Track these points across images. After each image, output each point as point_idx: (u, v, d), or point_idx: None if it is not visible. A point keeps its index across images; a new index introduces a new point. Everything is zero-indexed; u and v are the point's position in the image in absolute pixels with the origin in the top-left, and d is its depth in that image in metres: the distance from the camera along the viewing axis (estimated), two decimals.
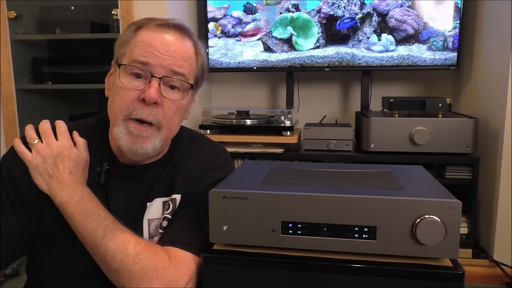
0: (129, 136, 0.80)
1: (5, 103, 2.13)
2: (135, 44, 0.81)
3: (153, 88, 0.78)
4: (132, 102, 0.79)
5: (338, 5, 2.14)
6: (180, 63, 0.81)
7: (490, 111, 1.98)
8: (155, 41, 0.80)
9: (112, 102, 0.83)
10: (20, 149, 0.83)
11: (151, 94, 0.78)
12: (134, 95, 0.79)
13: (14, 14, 2.10)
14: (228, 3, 2.24)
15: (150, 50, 0.79)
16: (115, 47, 0.85)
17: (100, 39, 2.15)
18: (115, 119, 0.81)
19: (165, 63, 0.79)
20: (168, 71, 0.80)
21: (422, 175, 0.86)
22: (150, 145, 0.81)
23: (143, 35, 0.81)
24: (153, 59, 0.79)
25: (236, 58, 2.27)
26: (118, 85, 0.81)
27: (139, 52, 0.79)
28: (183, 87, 0.83)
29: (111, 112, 0.84)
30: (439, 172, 1.95)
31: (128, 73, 0.80)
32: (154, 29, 0.81)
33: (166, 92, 0.81)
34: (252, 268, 0.71)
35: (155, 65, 0.79)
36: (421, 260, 0.67)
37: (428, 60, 2.12)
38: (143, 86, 0.79)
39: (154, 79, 0.79)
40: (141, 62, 0.79)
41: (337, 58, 2.19)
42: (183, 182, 0.88)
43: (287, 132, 2.07)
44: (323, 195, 0.69)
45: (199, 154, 0.93)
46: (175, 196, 0.87)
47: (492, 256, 1.90)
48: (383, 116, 1.98)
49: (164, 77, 0.80)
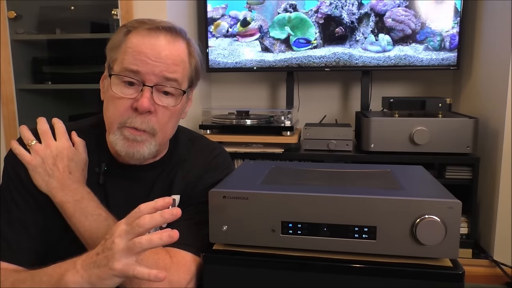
0: (125, 141, 0.81)
1: (5, 103, 2.13)
2: (125, 50, 0.79)
3: (145, 98, 0.78)
4: (125, 111, 0.79)
5: (336, 5, 2.14)
6: (172, 68, 0.80)
7: (490, 111, 1.98)
8: (145, 47, 0.78)
9: (106, 108, 0.83)
10: (19, 151, 0.83)
11: (143, 104, 0.77)
12: (127, 104, 0.79)
13: (14, 14, 2.10)
14: (226, 3, 2.24)
15: (141, 57, 0.78)
16: (107, 50, 0.84)
17: (100, 39, 2.14)
18: (110, 127, 0.82)
19: (156, 71, 0.78)
20: (160, 78, 0.79)
21: (422, 175, 0.86)
22: (146, 149, 0.82)
23: (133, 40, 0.79)
24: (144, 67, 0.78)
25: (236, 58, 2.27)
26: (110, 94, 0.80)
27: (129, 60, 0.78)
28: (177, 92, 0.82)
29: (106, 118, 0.84)
30: (439, 172, 1.95)
31: (120, 81, 0.79)
32: (144, 33, 0.79)
33: (159, 99, 0.80)
34: (252, 268, 0.71)
35: (146, 73, 0.78)
36: (421, 260, 0.67)
37: (425, 60, 2.12)
38: (136, 95, 0.79)
39: (146, 88, 0.78)
40: (132, 71, 0.78)
41: (334, 58, 2.19)
42: (183, 183, 0.89)
43: (287, 132, 2.07)
44: (323, 195, 0.69)
45: (198, 155, 0.93)
46: (175, 197, 0.87)
47: (492, 256, 1.90)
48: (383, 116, 1.98)
49: (156, 85, 0.79)
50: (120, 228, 0.67)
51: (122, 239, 0.66)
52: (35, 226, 0.82)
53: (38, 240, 0.82)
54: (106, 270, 0.66)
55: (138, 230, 0.65)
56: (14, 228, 0.81)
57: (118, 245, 0.65)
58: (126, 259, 0.65)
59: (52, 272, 0.72)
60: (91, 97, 2.39)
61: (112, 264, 0.65)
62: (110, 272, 0.66)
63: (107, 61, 0.84)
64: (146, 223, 0.65)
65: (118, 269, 0.65)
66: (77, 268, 0.69)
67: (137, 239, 0.65)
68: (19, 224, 0.81)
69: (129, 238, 0.66)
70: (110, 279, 0.67)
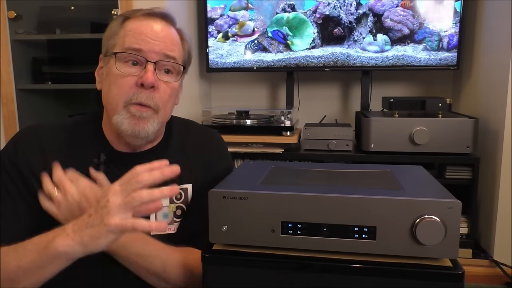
0: (131, 119, 0.83)
1: (5, 103, 2.13)
2: (125, 34, 0.84)
3: (149, 71, 0.82)
4: (130, 88, 0.83)
5: (334, 5, 2.14)
6: (170, 47, 0.85)
7: (490, 111, 1.98)
8: (145, 29, 0.84)
9: (108, 91, 0.85)
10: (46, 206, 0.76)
11: (148, 78, 0.81)
12: (132, 81, 0.83)
13: (14, 14, 2.10)
14: (225, 3, 2.24)
15: (141, 37, 0.83)
16: (104, 40, 0.89)
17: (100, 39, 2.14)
18: (115, 107, 0.84)
19: (157, 48, 0.83)
20: (161, 55, 0.84)
21: (422, 175, 0.86)
22: (150, 126, 0.84)
23: (132, 24, 0.85)
24: (145, 45, 0.83)
25: (235, 58, 2.27)
26: (114, 73, 0.83)
27: (131, 40, 0.83)
28: (176, 70, 0.88)
29: (108, 101, 0.86)
30: (439, 172, 1.95)
31: (123, 61, 0.83)
32: (142, 18, 0.85)
33: (161, 76, 0.85)
34: (252, 268, 0.71)
35: (148, 50, 0.83)
36: (421, 260, 0.67)
37: (423, 60, 2.12)
38: (139, 72, 0.83)
39: (150, 64, 0.83)
40: (135, 49, 0.83)
41: (332, 58, 2.19)
42: (190, 171, 0.92)
43: (287, 132, 2.07)
44: (323, 195, 0.68)
45: (197, 141, 0.97)
46: (186, 186, 0.91)
47: (492, 256, 1.90)
48: (383, 116, 1.98)
49: (159, 61, 0.84)
50: (114, 188, 0.67)
51: (117, 197, 0.65)
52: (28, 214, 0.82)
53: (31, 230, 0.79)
54: (100, 228, 0.64)
55: (135, 186, 0.65)
56: (5, 218, 0.81)
57: (114, 202, 0.65)
58: (122, 214, 0.65)
59: (38, 241, 0.70)
60: (91, 97, 2.40)
61: (108, 220, 0.64)
62: (105, 229, 0.64)
63: (103, 51, 0.89)
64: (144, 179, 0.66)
65: (113, 224, 0.64)
66: (67, 232, 0.67)
67: (136, 193, 0.65)
68: (11, 213, 0.82)
69: (125, 195, 0.65)
70: (105, 236, 0.65)
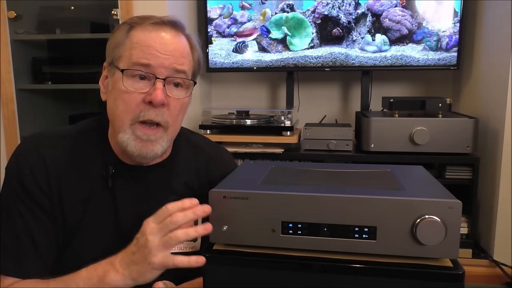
0: (138, 142, 0.80)
1: (5, 103, 2.13)
2: (132, 46, 0.79)
3: (158, 89, 0.78)
4: (137, 105, 0.79)
5: (333, 5, 2.14)
6: (180, 60, 0.81)
7: (490, 111, 1.98)
8: (153, 41, 0.79)
9: (114, 107, 0.81)
10: None
11: (158, 96, 0.77)
12: (139, 98, 0.79)
13: (14, 14, 2.10)
14: (224, 3, 2.24)
15: (150, 51, 0.78)
16: (108, 48, 0.83)
17: (100, 39, 2.14)
18: (121, 125, 0.80)
19: (166, 63, 0.79)
20: (171, 70, 0.80)
21: (422, 175, 0.86)
22: (159, 147, 0.82)
23: (139, 35, 0.79)
24: (154, 60, 0.78)
25: (235, 58, 2.27)
26: (121, 90, 0.79)
27: (138, 54, 0.78)
28: (186, 84, 0.84)
29: (114, 117, 0.82)
30: (439, 172, 1.95)
31: (131, 75, 0.79)
32: (150, 28, 0.80)
33: (171, 91, 0.81)
34: (252, 268, 0.71)
35: (157, 66, 0.78)
36: (421, 260, 0.67)
37: (421, 60, 2.12)
38: (148, 89, 0.79)
39: (159, 81, 0.78)
40: (143, 65, 0.78)
41: (331, 58, 2.19)
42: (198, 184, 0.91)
43: (287, 132, 2.07)
44: (323, 195, 0.68)
45: (206, 154, 0.95)
46: None
47: (492, 256, 1.90)
48: (383, 116, 1.98)
49: (168, 77, 0.80)
50: (151, 226, 0.71)
51: (155, 236, 0.70)
52: (40, 233, 0.80)
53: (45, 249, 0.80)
54: (145, 266, 0.70)
55: (171, 227, 0.70)
56: (17, 238, 0.79)
57: (153, 242, 0.70)
58: (163, 253, 0.70)
59: (88, 275, 0.74)
60: (91, 97, 2.40)
61: (151, 259, 0.70)
62: (150, 267, 0.70)
63: (108, 60, 0.83)
64: (179, 219, 0.70)
65: (157, 262, 0.70)
66: (117, 268, 0.72)
67: (173, 233, 0.70)
68: (24, 233, 0.79)
69: (162, 235, 0.70)
70: (151, 272, 0.71)
